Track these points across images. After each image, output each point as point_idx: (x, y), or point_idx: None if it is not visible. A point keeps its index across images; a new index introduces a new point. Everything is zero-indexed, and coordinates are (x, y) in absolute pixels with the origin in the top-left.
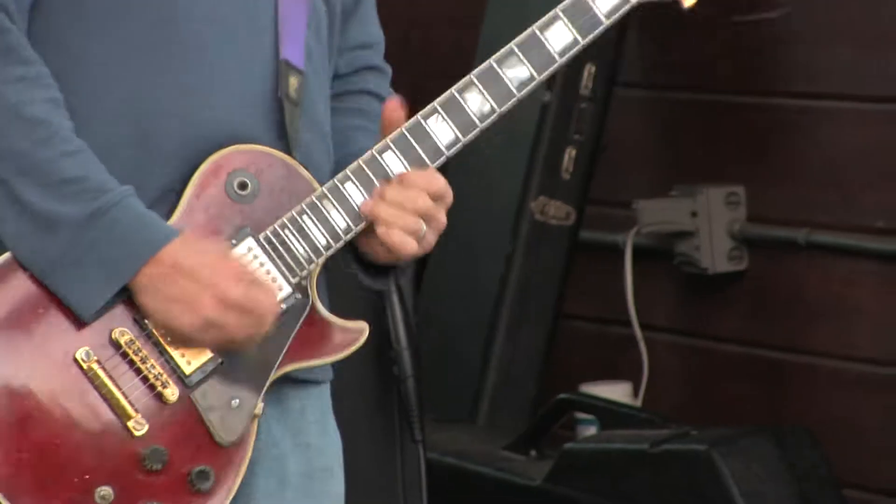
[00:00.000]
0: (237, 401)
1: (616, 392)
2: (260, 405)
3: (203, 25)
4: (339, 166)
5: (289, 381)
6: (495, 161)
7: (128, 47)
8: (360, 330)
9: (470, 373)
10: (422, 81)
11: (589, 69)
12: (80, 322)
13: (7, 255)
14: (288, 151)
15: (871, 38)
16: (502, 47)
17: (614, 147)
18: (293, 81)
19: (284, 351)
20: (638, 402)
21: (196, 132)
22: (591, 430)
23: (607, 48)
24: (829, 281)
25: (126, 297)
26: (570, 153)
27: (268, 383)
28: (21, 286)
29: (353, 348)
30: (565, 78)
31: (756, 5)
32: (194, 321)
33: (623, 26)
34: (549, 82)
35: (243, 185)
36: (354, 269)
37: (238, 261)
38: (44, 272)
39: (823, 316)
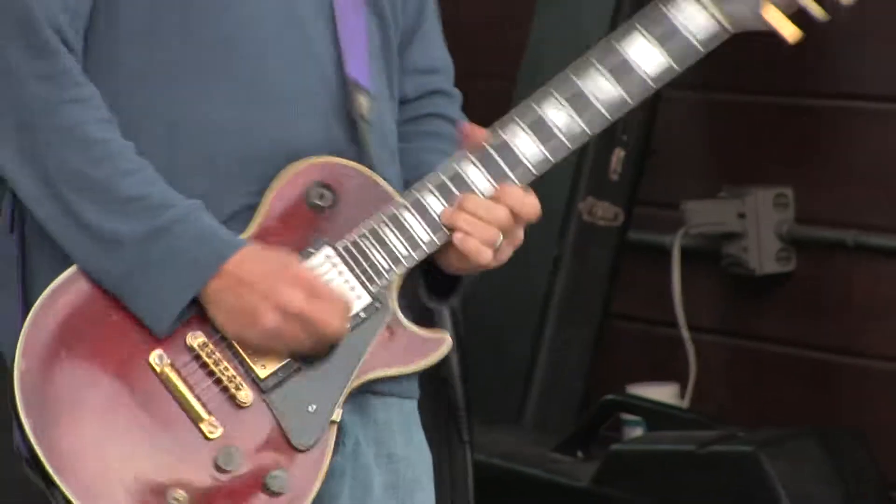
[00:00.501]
0: (314, 406)
1: (663, 393)
2: (338, 412)
3: (261, 47)
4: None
5: (372, 393)
6: None
7: (186, 70)
8: (441, 339)
9: (517, 374)
10: (466, 80)
11: None
12: None
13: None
14: (369, 166)
15: None
16: (550, 48)
17: (662, 148)
18: (363, 101)
19: (363, 359)
20: (685, 404)
21: (263, 155)
22: (638, 432)
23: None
24: (878, 282)
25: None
26: (618, 154)
27: (346, 390)
28: (92, 293)
29: (435, 357)
30: None
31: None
32: (259, 332)
33: None
34: None
35: (322, 196)
36: (418, 284)
37: (300, 269)
38: (112, 289)
39: (872, 317)
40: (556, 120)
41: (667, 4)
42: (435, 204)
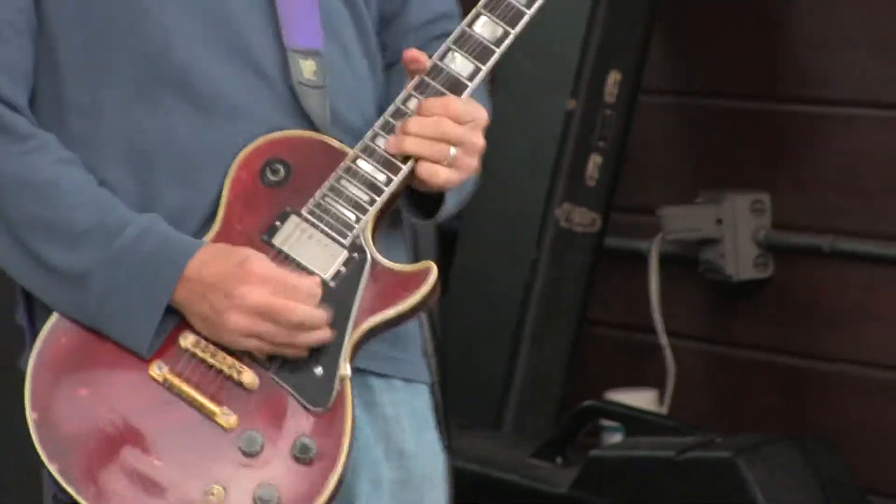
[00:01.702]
0: (319, 369)
1: (641, 399)
2: (345, 366)
3: (189, 51)
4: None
5: (375, 375)
6: (520, 168)
7: (127, 91)
8: (426, 269)
9: (495, 379)
10: None
11: (614, 76)
12: None
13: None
14: (321, 129)
15: (892, 45)
16: (524, 55)
17: (639, 154)
18: (308, 64)
19: (355, 309)
20: (663, 410)
21: (219, 155)
22: (617, 438)
23: (632, 55)
24: (854, 288)
25: None
26: (594, 160)
27: (347, 344)
28: (77, 331)
29: (426, 287)
30: (590, 85)
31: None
32: (231, 334)
33: (647, 33)
34: (574, 89)
35: (276, 171)
36: (402, 206)
37: (254, 264)
38: (91, 323)
39: (848, 323)
40: (480, 29)
41: None
42: (383, 144)
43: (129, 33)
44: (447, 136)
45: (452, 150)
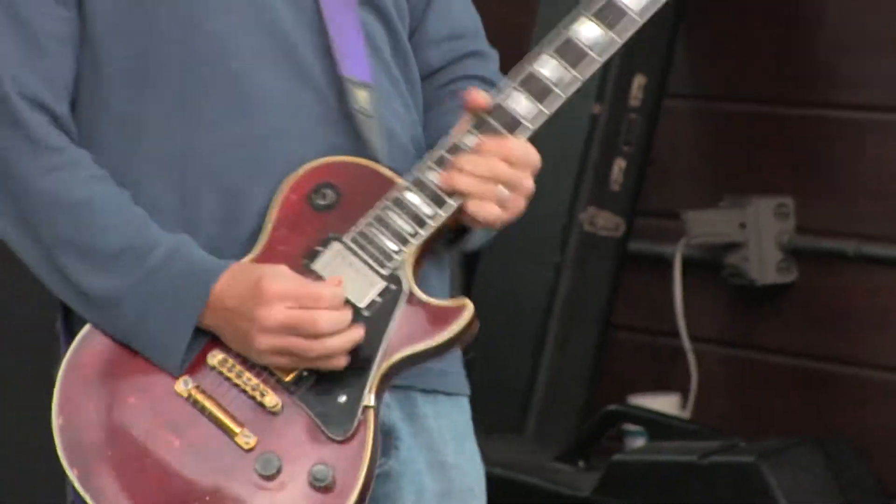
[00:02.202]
0: (344, 397)
1: (664, 403)
2: (370, 397)
3: (243, 62)
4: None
5: (419, 391)
6: (544, 172)
7: (167, 103)
8: (461, 306)
9: (518, 383)
10: None
11: (639, 80)
12: None
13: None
14: (372, 158)
15: None
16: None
17: (663, 158)
18: (362, 94)
19: (387, 340)
20: (686, 414)
21: (264, 168)
22: (640, 442)
23: (657, 59)
24: (878, 293)
25: None
26: (619, 164)
27: (375, 375)
28: (109, 342)
29: (460, 324)
30: (615, 89)
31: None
32: (260, 354)
33: (672, 37)
34: (600, 93)
35: (324, 196)
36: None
37: (270, 283)
38: (122, 339)
39: (872, 327)
40: (547, 72)
41: None
42: (435, 178)
43: (177, 42)
44: (500, 177)
45: (504, 191)
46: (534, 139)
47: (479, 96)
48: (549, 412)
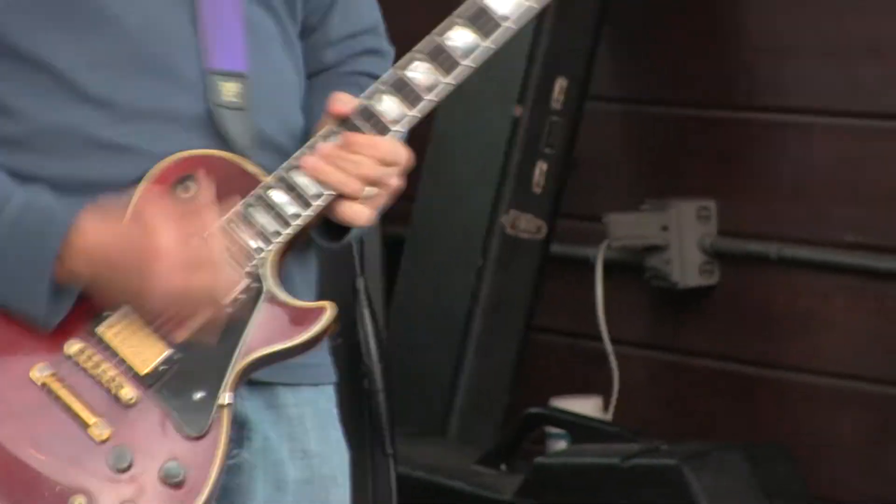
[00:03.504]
0: (200, 394)
1: (586, 406)
2: (226, 395)
3: (110, 65)
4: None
5: (283, 385)
6: (466, 175)
7: (44, 87)
8: (322, 309)
9: (441, 386)
10: None
11: (560, 83)
12: (33, 340)
13: None
14: (240, 150)
15: (841, 52)
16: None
17: (585, 161)
18: (230, 87)
19: (245, 339)
20: (608, 417)
21: (131, 168)
22: (562, 445)
23: (580, 62)
24: (800, 295)
25: (82, 305)
26: (541, 167)
27: (232, 373)
28: None
29: (318, 328)
30: (537, 92)
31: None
32: (152, 307)
33: (595, 40)
34: (521, 96)
35: (187, 188)
36: (313, 235)
37: (164, 241)
38: None
39: (794, 330)
40: (415, 76)
41: None
42: (301, 179)
43: (54, 26)
44: (368, 176)
45: (369, 190)
46: (455, 141)
47: (344, 104)
48: (471, 415)
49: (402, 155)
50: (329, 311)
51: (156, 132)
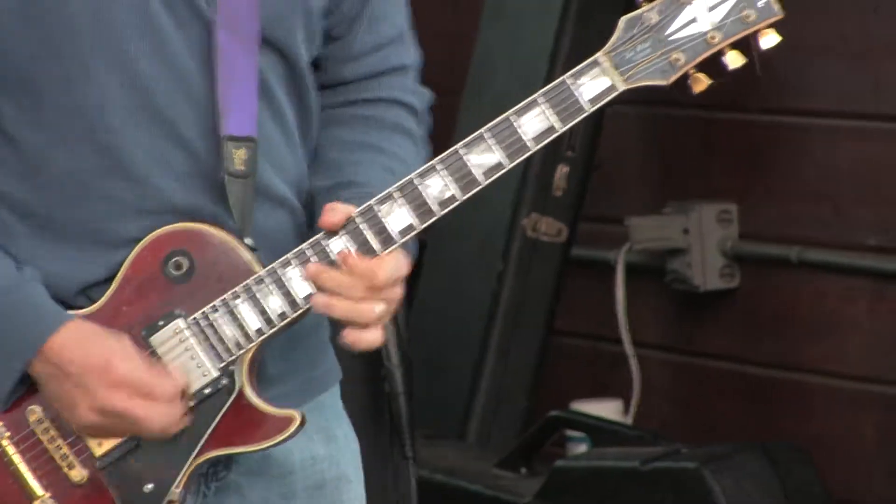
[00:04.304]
0: (151, 485)
1: (607, 409)
2: (176, 492)
3: (116, 120)
4: (323, 200)
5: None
6: None
7: (52, 132)
8: (289, 419)
9: (461, 390)
10: None
11: None
12: None
13: None
14: (237, 228)
15: (863, 55)
16: (495, 63)
17: (607, 164)
18: (240, 154)
19: (206, 437)
20: (629, 420)
21: (119, 218)
22: (582, 448)
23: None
24: (821, 298)
25: None
26: (562, 170)
27: (186, 470)
28: None
29: (283, 437)
30: None
31: None
32: (78, 425)
33: None
34: None
35: (178, 266)
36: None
37: (124, 369)
38: None
39: (815, 333)
40: (431, 187)
41: (575, 78)
42: (294, 277)
43: (58, 91)
44: (374, 299)
45: (378, 309)
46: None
47: (336, 216)
48: (491, 418)
49: (403, 268)
50: (296, 422)
51: (160, 191)
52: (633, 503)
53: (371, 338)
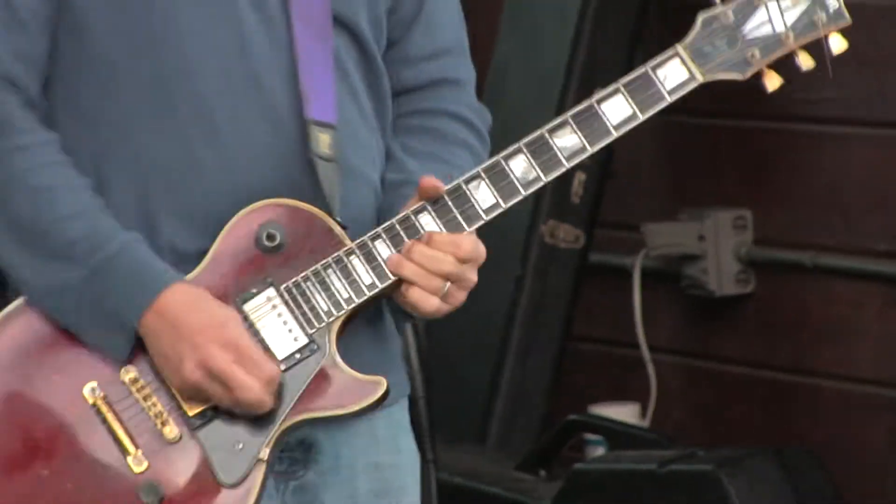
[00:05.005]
0: (241, 444)
1: (624, 413)
2: (265, 451)
3: (210, 82)
4: (393, 193)
5: None
6: None
7: (134, 108)
8: (377, 383)
9: (480, 394)
10: None
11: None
12: (92, 358)
13: (21, 298)
14: (326, 208)
15: (872, 64)
16: (511, 74)
17: (623, 172)
18: (325, 138)
19: (295, 401)
20: (645, 423)
21: (215, 196)
22: (600, 451)
23: (617, 74)
24: (834, 303)
25: None
26: (579, 177)
27: (275, 432)
28: (35, 325)
29: (369, 402)
30: (575, 103)
31: None
32: (181, 381)
33: (631, 53)
34: (559, 108)
35: (272, 237)
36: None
37: (235, 332)
38: (69, 328)
39: (828, 338)
40: (515, 169)
41: (655, 69)
42: (384, 250)
43: (147, 55)
44: (447, 273)
45: (447, 286)
46: (494, 153)
47: (434, 187)
48: (510, 422)
49: (482, 252)
50: (382, 386)
51: (253, 170)
52: None
53: (435, 305)
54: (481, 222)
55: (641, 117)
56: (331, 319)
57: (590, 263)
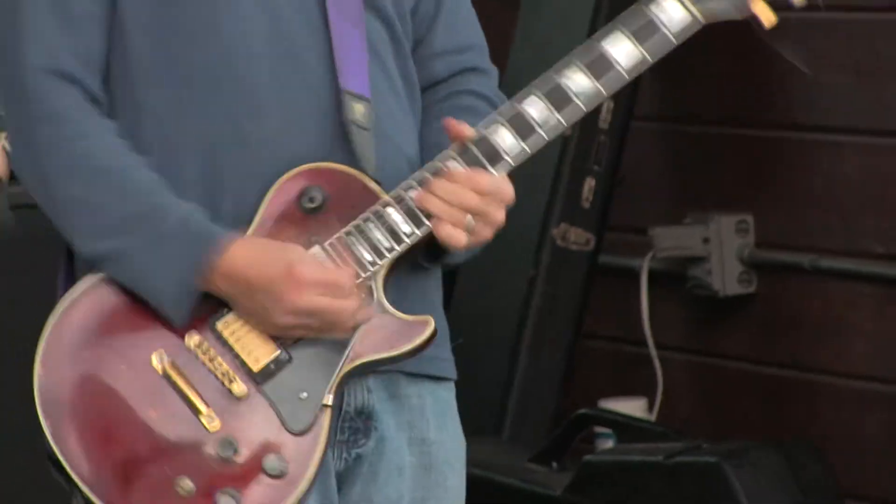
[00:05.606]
0: (305, 393)
1: (632, 407)
2: (329, 397)
3: (250, 65)
4: (431, 153)
5: (403, 374)
6: (520, 190)
7: (183, 94)
8: (425, 322)
9: (495, 389)
10: None
11: (607, 105)
12: (157, 327)
13: (88, 277)
14: (366, 167)
15: (870, 74)
16: (525, 85)
17: (631, 177)
18: (359, 107)
19: (351, 346)
20: (653, 417)
21: (261, 167)
22: (609, 444)
23: (624, 85)
24: (832, 303)
25: (203, 301)
26: (589, 183)
27: (336, 377)
28: (102, 304)
29: (420, 340)
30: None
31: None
32: (278, 329)
33: None
34: None
35: (312, 199)
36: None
37: (304, 267)
38: (130, 287)
39: (826, 336)
40: (535, 114)
41: (649, 4)
42: (416, 196)
43: (193, 42)
44: (467, 206)
45: (469, 219)
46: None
47: (461, 128)
48: (524, 416)
49: (505, 188)
50: (431, 325)
51: (293, 140)
52: (656, 495)
53: (461, 238)
54: (508, 167)
55: (650, 60)
56: (375, 269)
57: (600, 265)
